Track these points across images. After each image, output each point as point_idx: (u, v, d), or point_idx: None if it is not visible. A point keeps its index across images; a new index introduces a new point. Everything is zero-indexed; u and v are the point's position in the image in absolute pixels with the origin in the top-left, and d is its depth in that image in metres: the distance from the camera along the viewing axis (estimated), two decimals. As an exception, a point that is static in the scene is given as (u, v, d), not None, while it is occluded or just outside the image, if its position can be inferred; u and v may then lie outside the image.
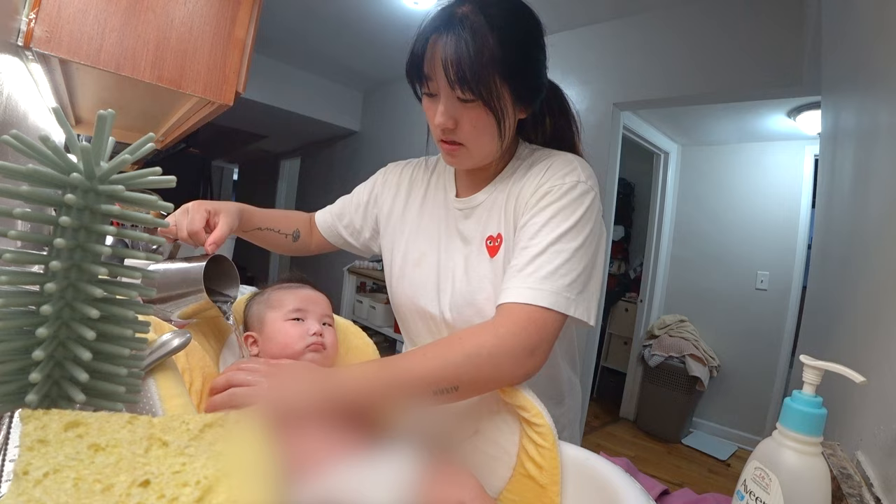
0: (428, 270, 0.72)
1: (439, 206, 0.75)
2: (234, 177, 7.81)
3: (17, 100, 0.77)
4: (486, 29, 0.57)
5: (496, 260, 0.66)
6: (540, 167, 0.66)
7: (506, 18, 0.58)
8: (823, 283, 1.07)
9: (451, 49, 0.56)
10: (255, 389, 0.51)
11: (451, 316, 0.69)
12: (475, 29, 0.56)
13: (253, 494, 0.26)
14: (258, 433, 0.32)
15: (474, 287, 0.67)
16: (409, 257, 0.75)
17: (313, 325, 0.65)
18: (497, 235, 0.67)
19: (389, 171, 0.85)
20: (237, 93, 0.91)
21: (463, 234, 0.71)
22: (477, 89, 0.57)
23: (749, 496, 0.39)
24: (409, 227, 0.77)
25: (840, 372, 0.37)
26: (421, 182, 0.80)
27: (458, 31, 0.56)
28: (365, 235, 0.85)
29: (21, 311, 0.33)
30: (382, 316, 3.05)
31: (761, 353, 2.81)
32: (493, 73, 0.57)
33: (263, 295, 0.70)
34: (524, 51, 0.60)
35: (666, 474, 2.43)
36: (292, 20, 2.83)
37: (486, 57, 0.56)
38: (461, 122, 0.61)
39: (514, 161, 0.71)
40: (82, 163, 0.33)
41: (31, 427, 0.28)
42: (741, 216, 2.97)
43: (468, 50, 0.56)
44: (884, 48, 0.73)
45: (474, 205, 0.71)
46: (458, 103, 0.60)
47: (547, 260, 0.58)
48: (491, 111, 0.59)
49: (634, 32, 2.25)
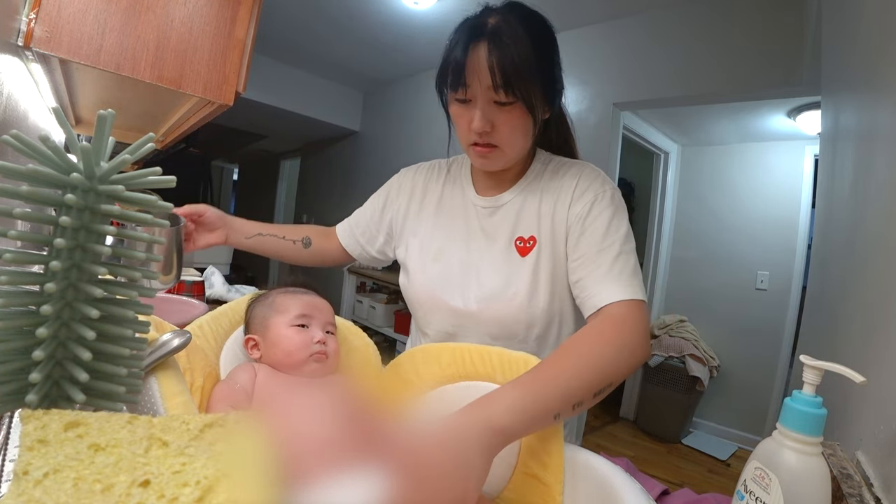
0: (448, 265, 0.76)
1: (457, 203, 0.79)
2: (234, 177, 7.80)
3: (17, 100, 0.77)
4: (521, 36, 0.62)
5: (526, 260, 0.71)
6: (570, 175, 0.73)
7: (532, 26, 0.64)
8: (823, 283, 1.07)
9: (495, 55, 0.61)
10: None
11: (478, 307, 0.73)
12: (512, 36, 0.61)
13: (253, 494, 0.26)
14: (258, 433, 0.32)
15: (504, 283, 0.71)
16: (428, 253, 0.78)
17: (317, 333, 0.65)
18: (529, 238, 0.72)
19: (403, 176, 0.88)
20: (237, 93, 0.91)
21: (487, 231, 0.75)
22: (520, 91, 0.62)
23: (749, 496, 0.39)
24: (425, 225, 0.81)
25: (840, 372, 0.37)
26: (436, 182, 0.83)
27: (498, 38, 0.61)
28: (380, 240, 0.88)
29: (21, 311, 0.33)
30: (382, 316, 3.06)
31: (761, 353, 2.81)
32: (531, 75, 0.62)
33: (268, 298, 0.70)
34: (550, 54, 0.67)
35: (666, 474, 2.43)
36: (292, 20, 2.83)
37: (525, 61, 0.61)
38: (497, 125, 0.66)
39: (536, 164, 0.76)
40: (82, 163, 0.33)
41: (31, 427, 0.28)
42: (741, 216, 2.97)
43: (511, 55, 0.61)
44: (884, 48, 0.73)
45: (500, 204, 0.75)
46: (494, 107, 0.65)
47: (625, 261, 0.65)
48: (529, 111, 0.65)
49: (634, 32, 2.25)
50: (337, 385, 0.63)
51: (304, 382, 0.61)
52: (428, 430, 0.43)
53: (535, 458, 0.51)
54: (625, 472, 0.47)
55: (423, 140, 3.42)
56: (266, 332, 0.65)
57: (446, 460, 0.40)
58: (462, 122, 0.68)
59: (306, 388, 0.60)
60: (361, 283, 3.42)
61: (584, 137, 2.45)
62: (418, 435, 0.43)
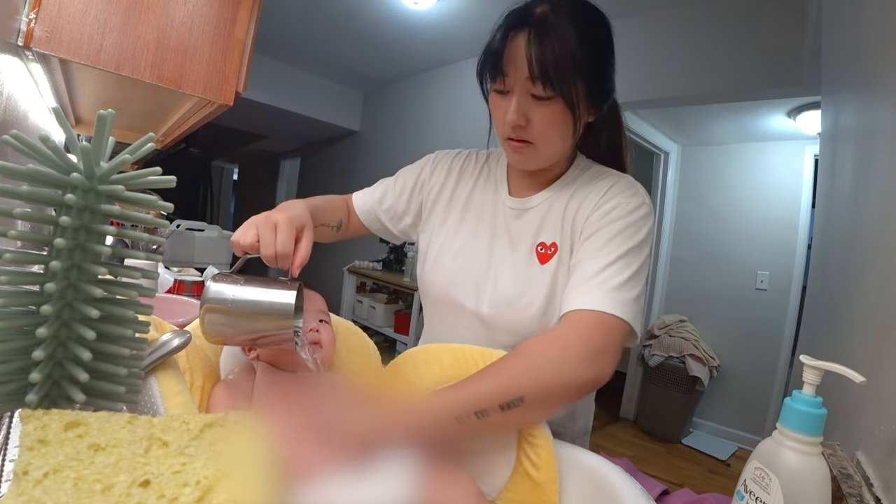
0: (467, 263, 0.72)
1: (488, 201, 0.75)
2: (234, 177, 7.80)
3: (17, 100, 0.77)
4: (566, 27, 0.58)
5: (546, 268, 0.67)
6: (603, 183, 0.67)
7: (583, 19, 0.60)
8: (823, 283, 1.07)
9: (535, 45, 0.57)
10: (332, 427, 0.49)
11: (489, 312, 0.69)
12: (556, 27, 0.57)
13: (253, 494, 0.26)
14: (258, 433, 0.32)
15: (520, 290, 0.67)
16: (449, 247, 0.75)
17: (309, 323, 0.65)
18: (551, 244, 0.68)
19: (439, 158, 0.83)
20: (237, 93, 0.91)
21: (511, 235, 0.71)
22: (559, 86, 0.58)
23: (749, 496, 0.39)
24: (452, 217, 0.77)
25: (840, 372, 0.37)
26: (471, 174, 0.79)
27: (540, 28, 0.57)
28: (406, 221, 0.83)
29: (21, 311, 0.33)
30: (382, 316, 3.05)
31: (761, 353, 2.81)
32: (574, 70, 0.58)
33: None
34: (600, 51, 0.62)
35: (666, 474, 2.43)
36: (292, 20, 2.83)
37: (568, 54, 0.57)
38: (532, 120, 0.62)
39: (573, 169, 0.72)
40: (82, 163, 0.33)
41: (31, 427, 0.28)
42: (741, 216, 2.97)
43: (552, 46, 0.57)
44: (884, 48, 0.73)
45: (529, 206, 0.71)
46: (531, 101, 0.60)
47: (617, 271, 0.58)
48: (568, 108, 0.60)
49: (634, 32, 2.25)
50: (336, 384, 0.63)
51: (304, 381, 0.61)
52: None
53: (527, 458, 0.52)
54: (625, 472, 0.47)
55: (424, 140, 3.42)
56: None
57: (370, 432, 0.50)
58: (498, 114, 0.64)
59: (305, 385, 0.60)
60: (361, 283, 3.42)
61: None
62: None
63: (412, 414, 0.52)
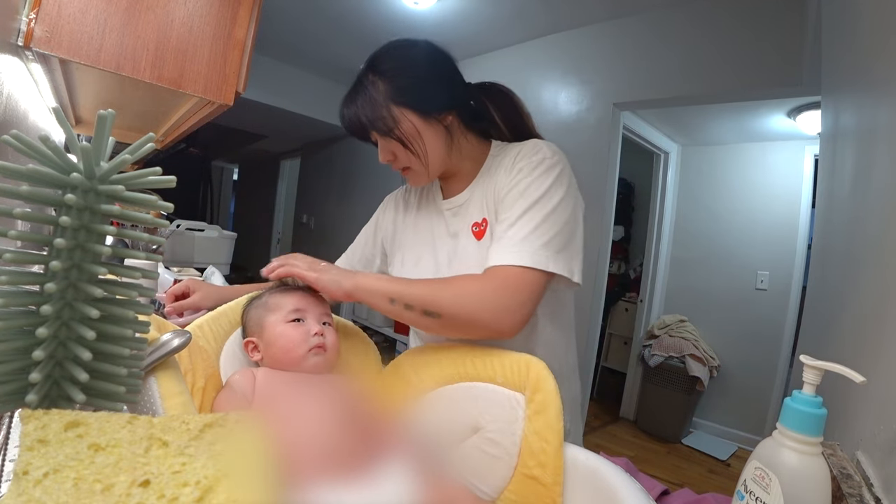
0: (425, 269, 0.78)
1: (431, 211, 0.83)
2: (234, 177, 7.80)
3: (17, 100, 0.77)
4: (373, 77, 0.69)
5: (482, 243, 0.72)
6: (512, 153, 0.73)
7: (392, 61, 0.70)
8: (823, 283, 1.07)
9: (349, 111, 0.71)
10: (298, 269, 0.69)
11: None
12: (364, 82, 0.70)
13: (253, 494, 0.26)
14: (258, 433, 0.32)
15: (467, 269, 0.72)
16: (409, 260, 0.81)
17: (314, 326, 0.65)
18: (482, 220, 0.73)
19: (387, 200, 0.93)
20: (237, 93, 0.91)
21: (451, 231, 0.77)
22: (381, 128, 0.69)
23: (749, 496, 0.39)
24: (408, 237, 0.84)
25: (840, 372, 0.37)
26: (413, 197, 0.87)
27: (353, 94, 0.71)
28: (377, 263, 0.92)
29: (21, 311, 0.33)
30: (382, 316, 3.05)
31: (761, 353, 2.80)
32: (380, 113, 0.68)
33: (261, 299, 0.70)
34: (413, 75, 0.70)
35: (666, 474, 2.43)
36: (292, 20, 2.83)
37: (374, 99, 0.68)
38: (397, 153, 0.72)
39: (490, 159, 0.78)
40: (82, 163, 0.33)
41: (31, 427, 0.28)
42: (741, 216, 2.97)
43: (356, 104, 0.70)
44: (884, 48, 0.73)
45: (460, 203, 0.78)
46: (384, 142, 0.72)
47: (522, 225, 0.64)
48: (407, 137, 0.69)
49: (634, 32, 2.25)
50: (337, 384, 0.63)
51: (304, 382, 0.61)
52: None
53: (534, 458, 0.51)
54: (625, 472, 0.47)
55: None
56: (263, 332, 0.65)
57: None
58: None
59: (306, 387, 0.60)
60: (361, 283, 3.42)
61: (584, 137, 2.46)
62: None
63: (365, 275, 0.69)
